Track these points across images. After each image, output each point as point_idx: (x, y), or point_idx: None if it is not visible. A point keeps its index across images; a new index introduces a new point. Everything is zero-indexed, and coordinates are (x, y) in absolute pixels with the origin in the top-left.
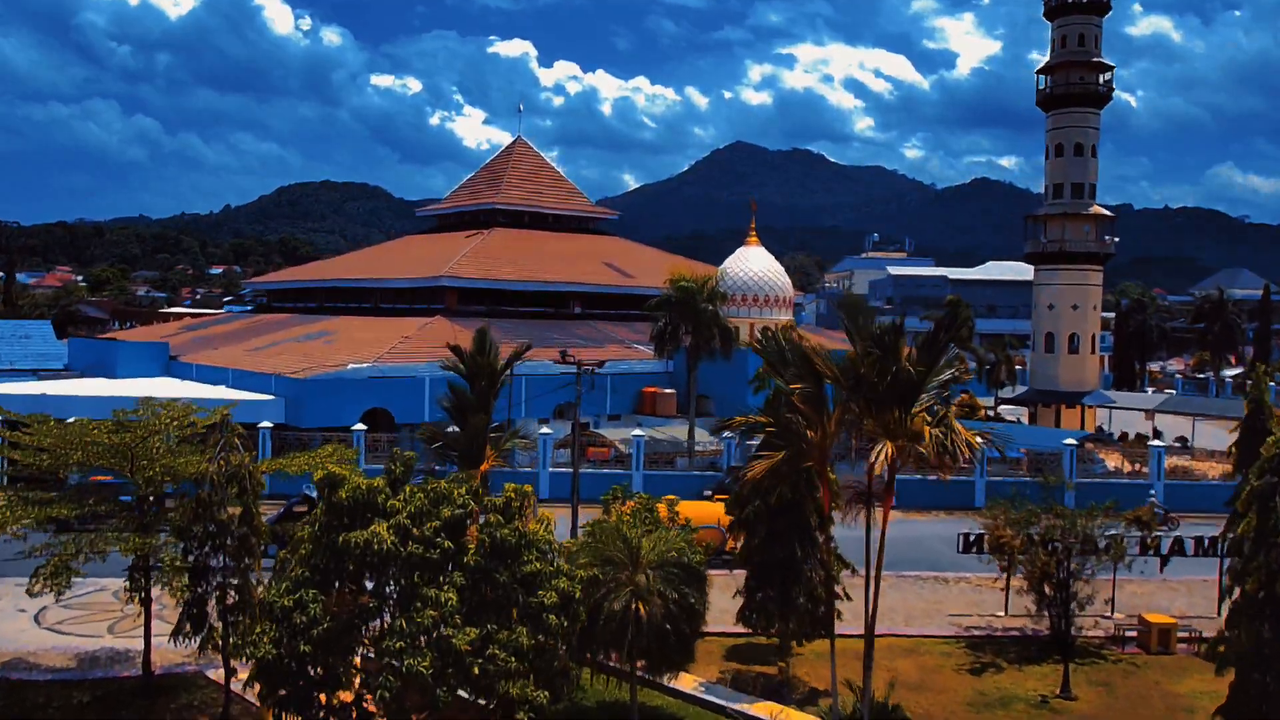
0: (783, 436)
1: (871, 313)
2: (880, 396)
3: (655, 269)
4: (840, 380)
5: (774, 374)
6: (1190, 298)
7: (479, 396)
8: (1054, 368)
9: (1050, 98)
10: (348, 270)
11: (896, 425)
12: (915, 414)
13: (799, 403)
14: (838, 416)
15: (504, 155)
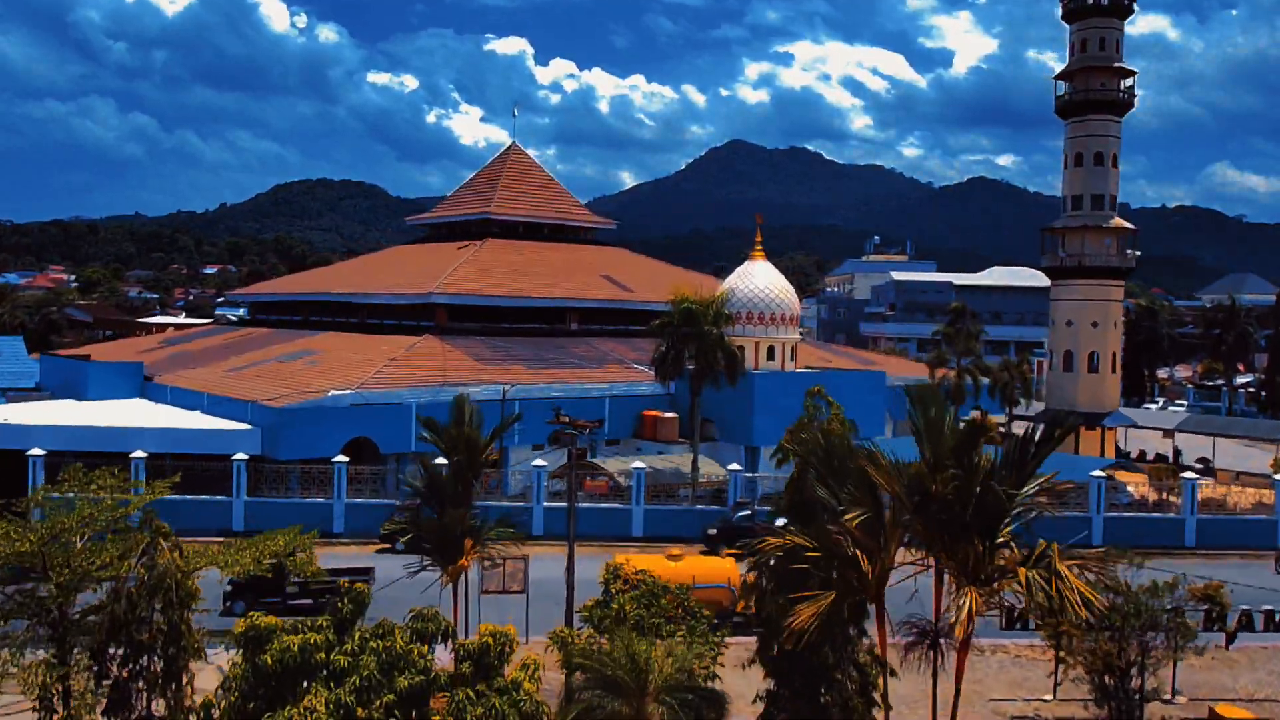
0: (827, 563)
1: (943, 404)
2: (956, 522)
3: (655, 281)
4: (905, 501)
5: (821, 485)
6: (1196, 302)
7: (456, 476)
8: (1072, 387)
9: (1069, 104)
10: (335, 283)
11: (979, 563)
12: (1001, 543)
13: (855, 531)
14: (897, 542)
15: (498, 162)
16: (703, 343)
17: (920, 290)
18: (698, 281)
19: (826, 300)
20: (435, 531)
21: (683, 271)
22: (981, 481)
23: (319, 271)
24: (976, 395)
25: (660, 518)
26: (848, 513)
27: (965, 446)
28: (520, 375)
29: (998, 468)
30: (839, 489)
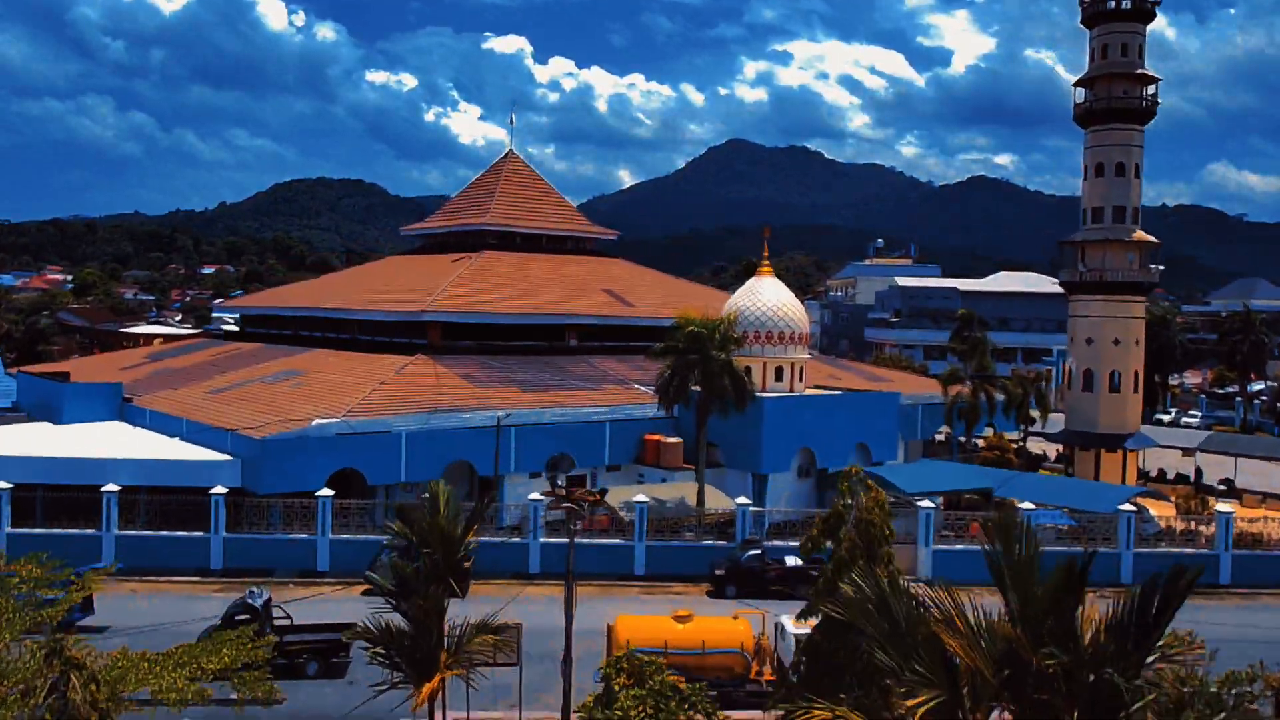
0: None
1: (1033, 540)
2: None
3: (658, 294)
4: (989, 677)
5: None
6: (1205, 307)
7: (430, 576)
8: (1093, 408)
9: (1089, 113)
10: (326, 297)
11: None
12: None
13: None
14: None
15: (495, 170)
16: (709, 367)
17: (926, 296)
18: (702, 298)
19: (830, 305)
20: (405, 644)
21: (686, 284)
22: (1092, 662)
23: (311, 284)
24: (991, 413)
25: (664, 555)
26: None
27: (1063, 603)
28: (516, 398)
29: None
30: (902, 661)
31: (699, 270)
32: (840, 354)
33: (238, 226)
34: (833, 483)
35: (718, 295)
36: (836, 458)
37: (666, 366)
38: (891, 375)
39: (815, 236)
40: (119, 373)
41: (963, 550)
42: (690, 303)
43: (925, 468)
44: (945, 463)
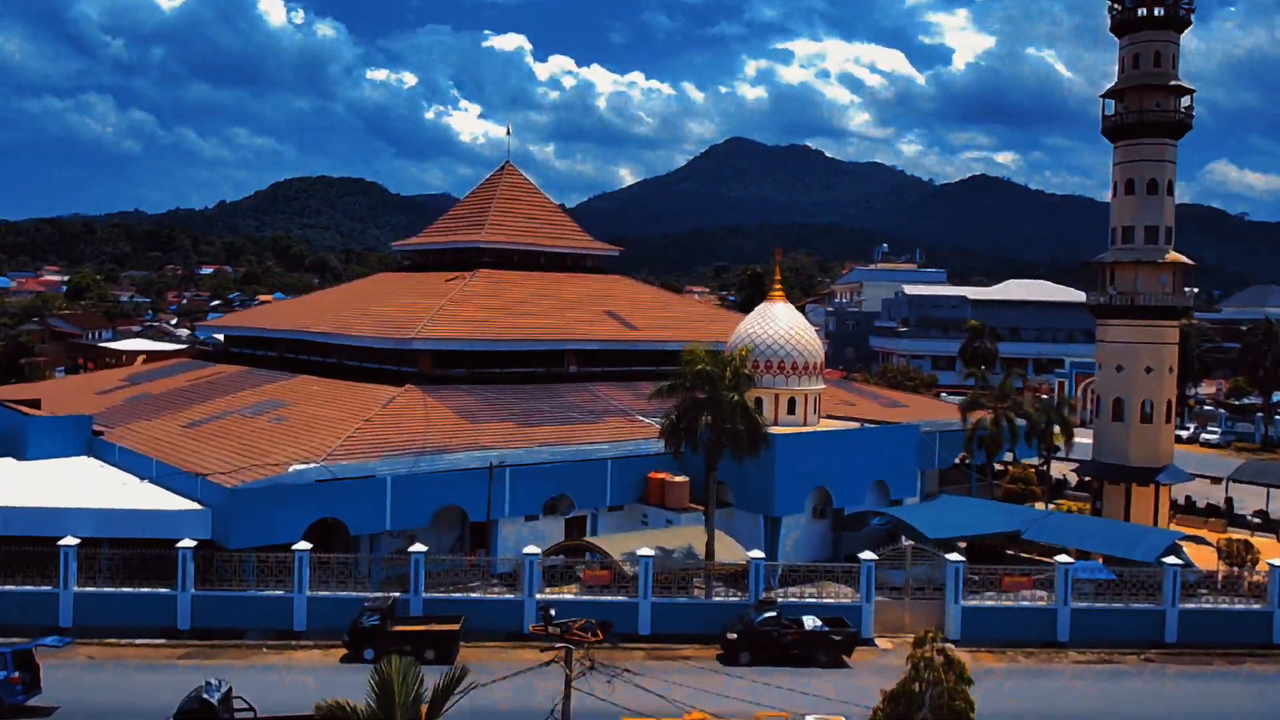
0: None
1: None
2: None
3: (662, 317)
4: None
5: None
6: (1218, 314)
7: None
8: (1123, 439)
9: (1120, 126)
10: (313, 319)
11: None
12: None
13: None
14: None
15: (491, 183)
16: (720, 409)
17: (934, 305)
18: (707, 319)
19: (835, 313)
20: None
21: (691, 304)
22: None
23: (298, 302)
24: (1013, 442)
25: (670, 613)
26: None
27: None
28: (511, 435)
29: None
30: None
31: (700, 270)
32: (846, 362)
33: (237, 225)
34: (850, 524)
35: (724, 317)
36: (853, 496)
37: (673, 409)
38: (907, 400)
39: (817, 235)
40: (95, 398)
41: (994, 607)
42: (696, 325)
43: (947, 507)
44: (967, 499)
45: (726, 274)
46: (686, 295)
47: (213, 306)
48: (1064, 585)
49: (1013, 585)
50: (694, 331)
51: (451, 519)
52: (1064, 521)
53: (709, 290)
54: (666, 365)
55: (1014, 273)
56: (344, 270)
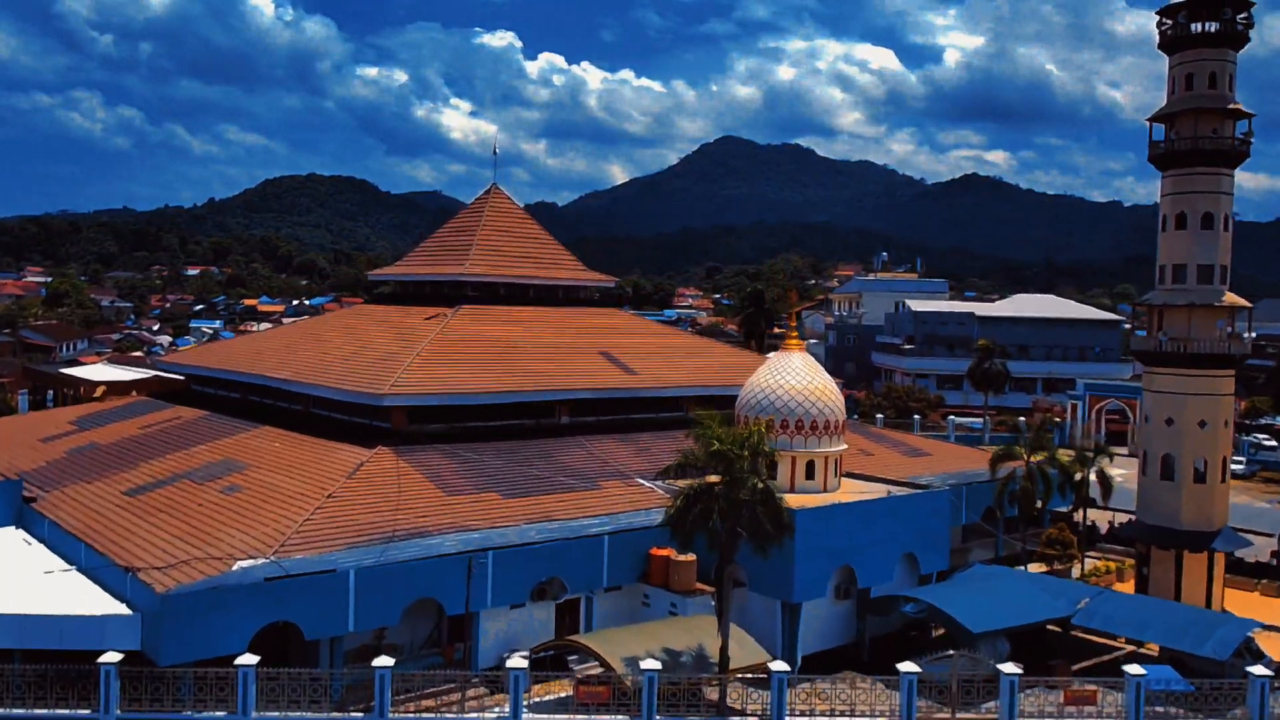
0: None
1: None
2: None
3: (665, 357)
4: None
5: None
6: None
7: None
8: (1173, 500)
9: (1170, 154)
10: (278, 360)
11: None
12: None
13: None
14: None
15: (476, 208)
16: (738, 494)
17: (940, 322)
18: (713, 358)
19: (836, 327)
20: None
21: (693, 341)
22: None
23: (267, 337)
24: (1047, 498)
25: None
26: None
27: None
28: (495, 510)
29: None
30: None
31: (692, 270)
32: (846, 377)
33: (227, 223)
34: (877, 607)
35: (732, 357)
36: (880, 573)
37: (681, 495)
38: (929, 446)
39: (809, 235)
40: (37, 447)
41: None
42: (698, 366)
43: (986, 587)
44: (1005, 573)
45: (719, 275)
46: (679, 299)
47: (196, 312)
48: (1136, 702)
49: (1077, 698)
50: (697, 373)
51: (425, 611)
52: (1119, 605)
53: (702, 294)
54: (666, 411)
55: (1008, 274)
56: (333, 271)
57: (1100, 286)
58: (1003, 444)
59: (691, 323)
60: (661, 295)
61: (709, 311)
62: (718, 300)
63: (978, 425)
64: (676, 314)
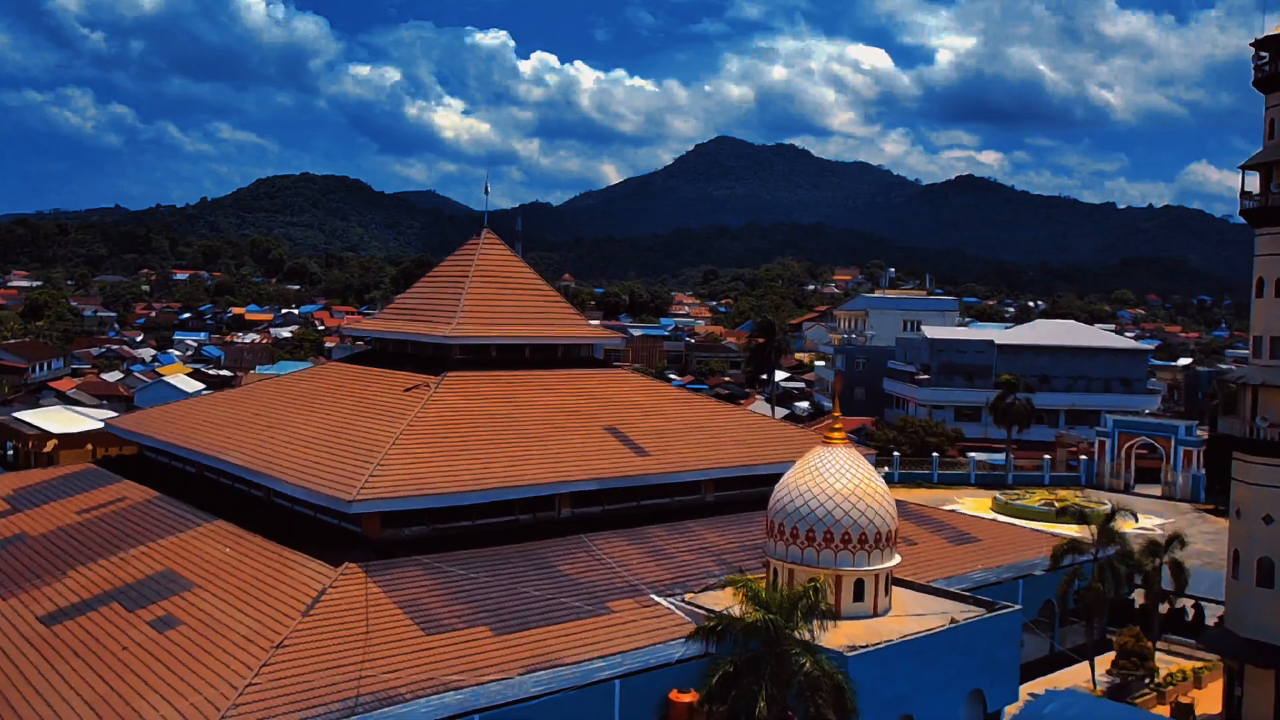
0: None
1: None
2: None
3: (678, 429)
4: None
5: None
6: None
7: None
8: (1273, 611)
9: (1266, 209)
10: (238, 438)
11: None
12: None
13: None
14: None
15: (464, 256)
16: (787, 667)
17: (958, 350)
18: (733, 431)
19: (844, 351)
20: None
21: (716, 410)
22: None
23: (229, 402)
24: (1118, 593)
25: None
26: None
27: None
28: (484, 650)
29: None
30: None
31: (688, 272)
32: (856, 402)
33: (219, 222)
34: None
35: (757, 428)
36: (943, 718)
37: (715, 674)
38: (977, 529)
39: (804, 236)
40: None
41: None
42: (718, 438)
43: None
44: (1091, 703)
45: (716, 280)
46: (677, 307)
47: (181, 321)
48: None
49: None
50: (716, 449)
51: None
52: None
53: (699, 300)
54: (683, 495)
55: (1004, 277)
56: (324, 276)
57: (1097, 291)
58: (1024, 483)
59: (689, 332)
60: (658, 303)
61: (707, 320)
62: (714, 308)
63: (999, 461)
64: (674, 322)
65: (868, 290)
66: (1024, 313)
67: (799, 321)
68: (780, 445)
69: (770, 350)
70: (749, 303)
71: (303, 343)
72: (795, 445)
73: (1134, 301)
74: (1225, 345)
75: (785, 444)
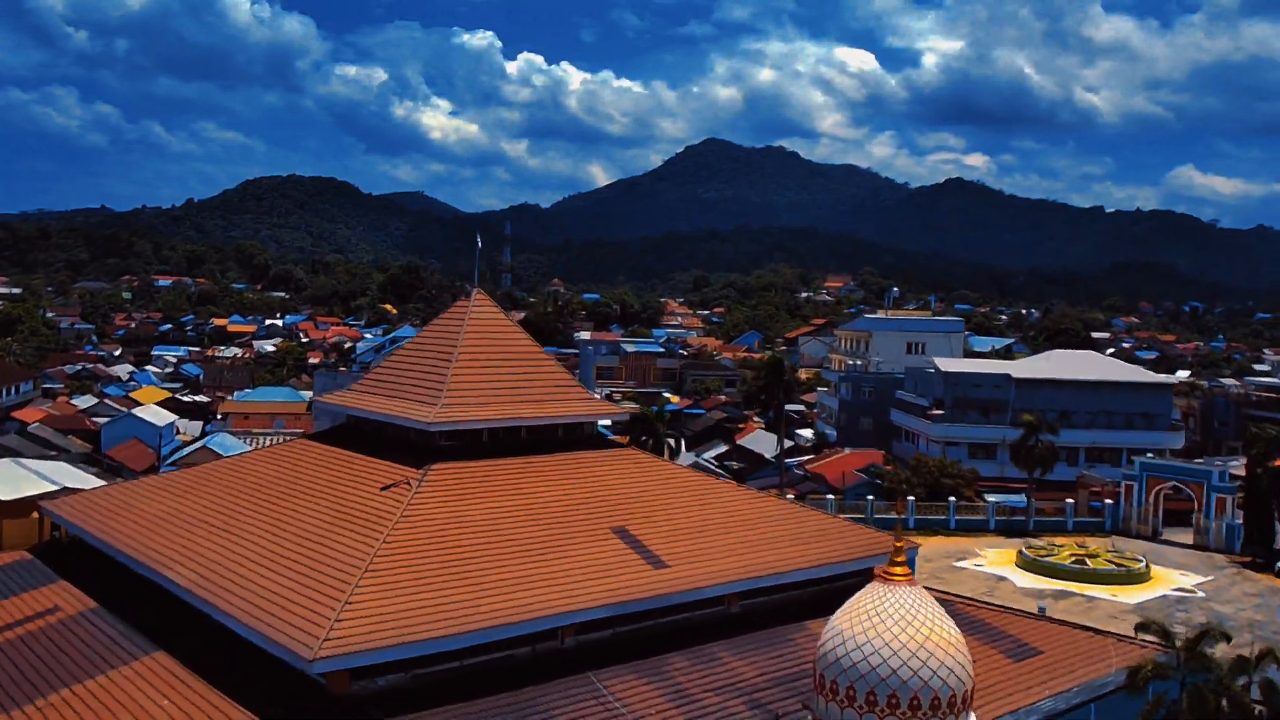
0: None
1: None
2: None
3: (697, 526)
4: None
5: None
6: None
7: None
8: None
9: None
10: (185, 540)
11: None
12: None
13: None
14: None
15: (452, 321)
16: None
17: (973, 384)
18: (771, 530)
19: (850, 379)
20: None
21: (739, 498)
22: None
23: (182, 490)
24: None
25: None
26: None
27: None
28: None
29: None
30: None
31: (678, 277)
32: (861, 432)
33: (205, 224)
34: None
35: (790, 520)
36: None
37: None
38: (1038, 638)
39: (794, 239)
40: None
41: None
42: (750, 542)
43: None
44: None
45: (708, 287)
46: (669, 317)
47: (161, 334)
48: None
49: None
50: (743, 552)
51: None
52: None
53: (691, 310)
54: (706, 609)
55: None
56: (310, 282)
57: (1088, 297)
58: (1046, 529)
59: (681, 344)
60: (650, 313)
61: (699, 331)
62: (707, 318)
63: (1018, 503)
64: (666, 334)
65: (860, 299)
66: (1017, 320)
67: (795, 336)
68: (816, 542)
69: (779, 390)
70: (743, 313)
71: (285, 359)
72: (833, 542)
73: (1125, 308)
74: (1223, 357)
75: (820, 539)
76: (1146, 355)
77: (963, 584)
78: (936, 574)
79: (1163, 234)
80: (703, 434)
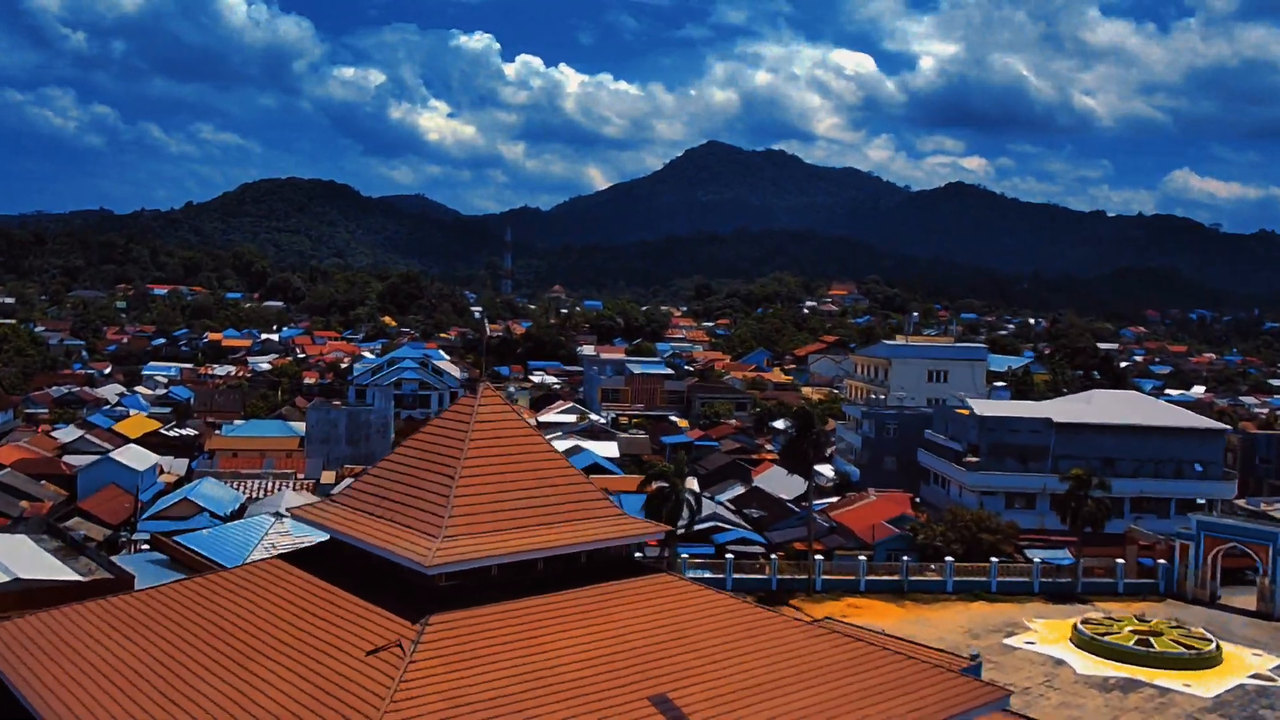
0: None
1: None
2: None
3: (754, 694)
4: None
5: None
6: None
7: None
8: None
9: None
10: (129, 697)
11: None
12: None
13: None
14: None
15: (456, 426)
16: None
17: (1010, 429)
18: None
19: (872, 416)
20: None
21: (789, 633)
22: None
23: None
24: None
25: None
26: None
27: None
28: None
29: None
30: None
31: (679, 283)
32: (885, 472)
33: (204, 228)
34: None
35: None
36: None
37: None
38: None
39: (794, 244)
40: None
41: None
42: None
43: None
44: None
45: (711, 296)
46: (674, 330)
47: (154, 349)
48: None
49: None
50: None
51: None
52: None
53: (695, 321)
54: None
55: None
56: (307, 291)
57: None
58: (1095, 591)
59: (687, 359)
60: (654, 327)
61: (705, 345)
62: (711, 330)
63: (1062, 560)
64: (671, 348)
65: (865, 308)
66: (1024, 331)
67: (804, 354)
68: (900, 696)
69: (808, 446)
70: (749, 327)
71: (280, 380)
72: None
73: (1131, 316)
74: (1238, 372)
75: (902, 693)
76: (1160, 369)
77: (1019, 669)
78: (988, 657)
79: (1164, 238)
80: (716, 473)
